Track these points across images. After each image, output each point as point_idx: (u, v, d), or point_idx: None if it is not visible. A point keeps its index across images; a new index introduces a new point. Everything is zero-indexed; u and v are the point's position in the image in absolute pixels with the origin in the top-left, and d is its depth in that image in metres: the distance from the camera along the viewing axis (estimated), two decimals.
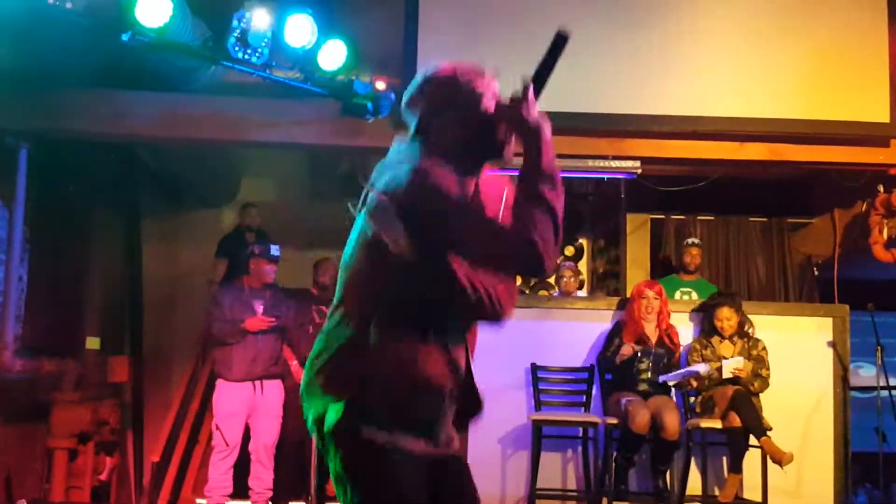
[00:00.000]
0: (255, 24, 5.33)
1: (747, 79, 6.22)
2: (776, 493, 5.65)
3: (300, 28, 5.55)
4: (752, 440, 5.50)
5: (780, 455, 5.33)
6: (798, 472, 5.78)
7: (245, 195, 8.36)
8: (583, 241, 8.40)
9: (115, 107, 6.22)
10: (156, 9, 4.97)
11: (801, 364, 6.06)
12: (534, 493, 5.63)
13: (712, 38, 6.27)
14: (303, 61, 5.68)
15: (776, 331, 6.07)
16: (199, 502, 6.22)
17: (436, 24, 6.12)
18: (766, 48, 6.25)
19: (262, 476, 5.86)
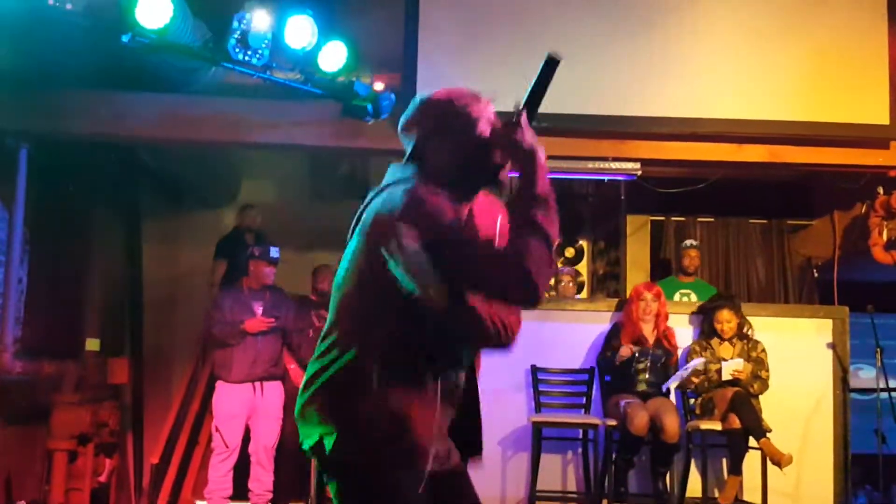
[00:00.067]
0: (255, 25, 5.33)
1: (747, 80, 6.22)
2: (776, 495, 5.65)
3: (300, 29, 5.55)
4: (752, 442, 5.50)
5: (779, 457, 5.33)
6: (798, 473, 5.78)
7: (245, 196, 8.35)
8: (583, 243, 8.39)
9: (116, 108, 6.22)
10: (156, 10, 4.96)
11: (800, 366, 6.06)
12: (534, 495, 5.62)
13: (712, 39, 6.27)
14: (303, 63, 5.68)
15: (776, 332, 6.07)
16: None
17: (436, 24, 6.12)
18: (766, 49, 6.25)
19: (262, 478, 5.85)
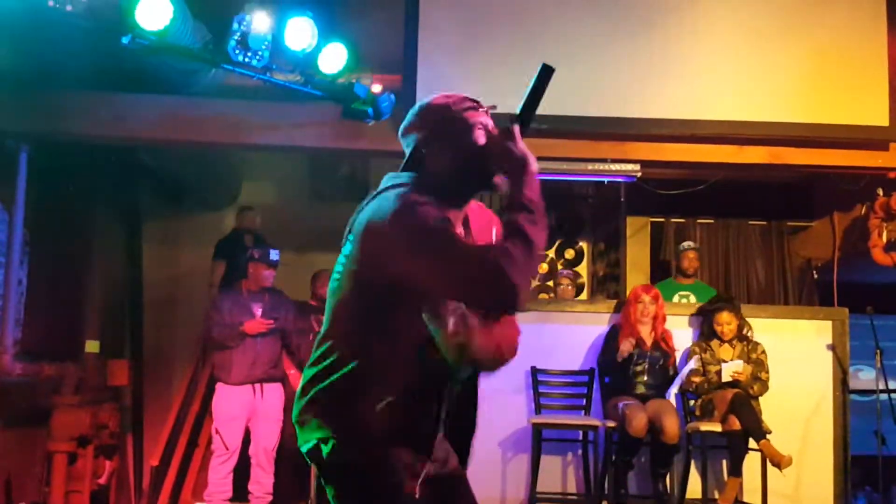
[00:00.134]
0: (255, 27, 5.32)
1: (747, 81, 6.21)
2: (776, 497, 5.65)
3: (300, 31, 5.54)
4: (752, 443, 5.50)
5: (779, 458, 5.33)
6: (797, 475, 5.79)
7: (245, 197, 8.36)
8: (583, 245, 8.41)
9: (116, 109, 6.22)
10: (156, 12, 4.96)
11: (800, 367, 6.07)
12: (534, 497, 5.62)
13: (712, 40, 6.26)
14: (303, 64, 5.67)
15: (775, 334, 6.07)
16: None
17: (436, 24, 6.11)
18: (766, 50, 6.24)
19: (262, 480, 5.85)
